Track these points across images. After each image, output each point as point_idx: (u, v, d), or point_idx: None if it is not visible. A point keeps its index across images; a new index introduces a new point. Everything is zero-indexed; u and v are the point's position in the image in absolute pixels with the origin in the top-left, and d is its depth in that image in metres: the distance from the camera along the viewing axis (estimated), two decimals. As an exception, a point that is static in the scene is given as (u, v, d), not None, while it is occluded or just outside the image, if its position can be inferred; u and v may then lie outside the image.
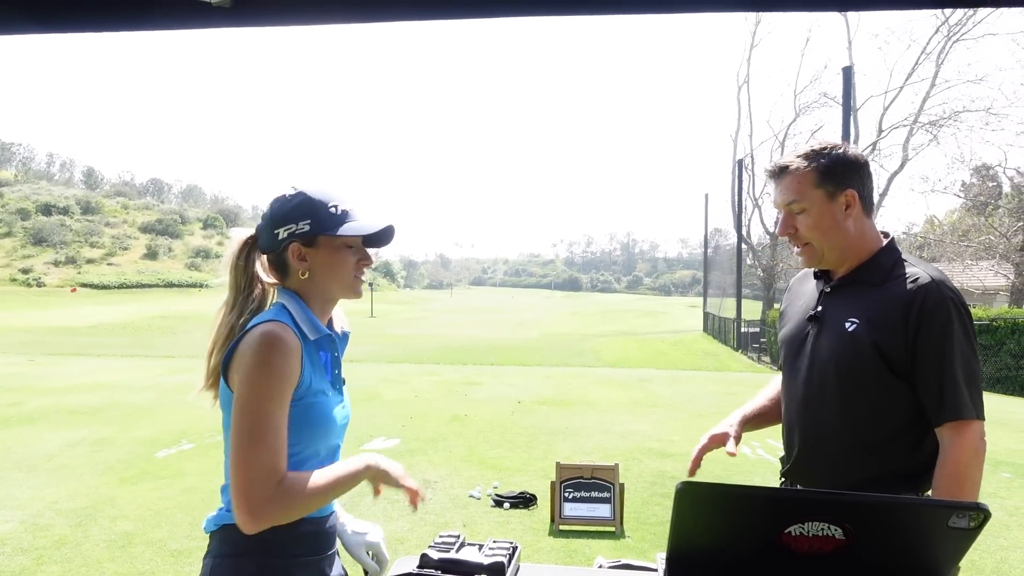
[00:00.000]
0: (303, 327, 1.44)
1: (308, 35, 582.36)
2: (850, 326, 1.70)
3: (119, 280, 72.06)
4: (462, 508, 5.17)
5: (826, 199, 1.72)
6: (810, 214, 1.73)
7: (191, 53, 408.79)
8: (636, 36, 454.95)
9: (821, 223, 1.73)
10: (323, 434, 1.45)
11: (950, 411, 1.60)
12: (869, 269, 1.75)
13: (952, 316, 1.62)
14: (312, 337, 1.44)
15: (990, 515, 1.20)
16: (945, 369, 1.61)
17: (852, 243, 1.75)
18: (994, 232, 24.74)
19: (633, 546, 4.46)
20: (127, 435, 7.70)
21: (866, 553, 1.26)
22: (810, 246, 1.77)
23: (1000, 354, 16.74)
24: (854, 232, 1.75)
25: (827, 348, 1.75)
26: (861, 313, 1.70)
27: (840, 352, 1.71)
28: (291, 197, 1.49)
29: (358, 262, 1.52)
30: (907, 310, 1.63)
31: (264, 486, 1.30)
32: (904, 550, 1.28)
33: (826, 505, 1.25)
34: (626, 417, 9.07)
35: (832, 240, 1.75)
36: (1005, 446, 7.69)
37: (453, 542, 1.71)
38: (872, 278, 1.73)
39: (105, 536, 4.52)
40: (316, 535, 1.48)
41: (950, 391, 1.60)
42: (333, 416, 1.48)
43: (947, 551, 1.27)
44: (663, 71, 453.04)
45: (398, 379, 12.99)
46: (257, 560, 1.39)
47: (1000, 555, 4.38)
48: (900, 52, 61.57)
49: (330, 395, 1.48)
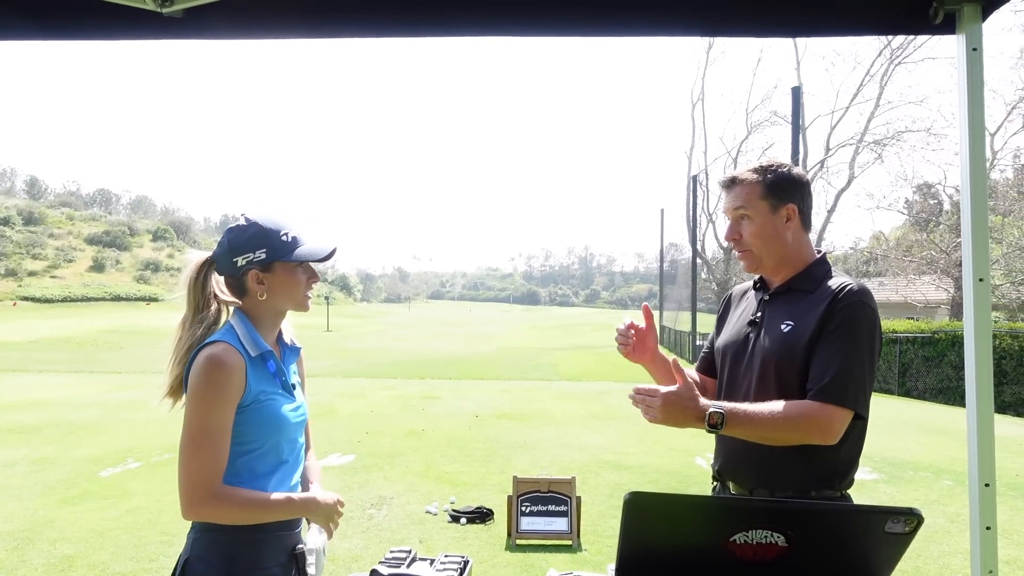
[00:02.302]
0: (246, 345, 1.63)
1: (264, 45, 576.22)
2: (786, 327, 1.83)
3: (63, 293, 69.60)
4: (418, 524, 5.12)
5: (769, 210, 1.88)
6: (754, 222, 1.89)
7: (142, 62, 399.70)
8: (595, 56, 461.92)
9: (763, 231, 1.89)
10: (276, 429, 1.64)
11: (827, 393, 1.70)
12: (803, 278, 1.90)
13: (859, 317, 1.75)
14: (254, 354, 1.63)
15: (923, 520, 1.26)
16: (834, 356, 1.72)
17: (789, 253, 1.91)
18: (935, 248, 25.72)
19: (590, 559, 4.48)
20: (69, 454, 7.42)
21: (807, 559, 1.30)
22: (751, 252, 1.92)
23: (941, 365, 17.34)
24: (791, 243, 1.90)
25: (766, 349, 1.86)
26: (795, 316, 1.84)
27: (779, 352, 1.82)
28: (245, 227, 1.67)
29: (308, 280, 1.73)
30: (825, 307, 1.78)
31: (199, 488, 1.53)
32: (843, 555, 1.32)
33: (769, 513, 1.29)
34: (583, 430, 9.11)
35: (771, 248, 1.90)
36: (947, 455, 7.96)
37: (404, 557, 1.71)
38: (806, 286, 1.88)
39: (44, 560, 4.34)
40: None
41: (832, 375, 1.70)
42: (283, 414, 1.66)
43: (884, 555, 1.32)
44: (620, 89, 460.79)
45: (354, 394, 12.83)
46: (230, 534, 1.60)
47: (942, 560, 4.53)
48: (846, 74, 64.15)
49: (279, 396, 1.67)
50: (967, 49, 1.78)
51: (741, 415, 1.70)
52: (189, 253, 1.75)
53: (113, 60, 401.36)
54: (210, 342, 1.60)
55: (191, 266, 1.71)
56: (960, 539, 4.92)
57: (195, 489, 1.53)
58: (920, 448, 8.34)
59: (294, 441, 1.73)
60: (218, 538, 1.60)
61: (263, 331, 1.69)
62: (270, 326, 1.72)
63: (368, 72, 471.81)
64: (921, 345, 17.89)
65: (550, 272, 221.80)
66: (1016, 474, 6.97)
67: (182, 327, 1.68)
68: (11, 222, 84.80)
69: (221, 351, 1.57)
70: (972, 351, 1.77)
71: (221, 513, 1.57)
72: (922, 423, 10.81)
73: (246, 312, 1.69)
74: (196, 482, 1.53)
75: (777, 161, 1.93)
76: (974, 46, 1.78)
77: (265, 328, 1.70)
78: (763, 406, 1.73)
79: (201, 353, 1.58)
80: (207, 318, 1.68)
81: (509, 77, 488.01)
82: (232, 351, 1.59)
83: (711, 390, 2.10)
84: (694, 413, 1.70)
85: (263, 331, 1.69)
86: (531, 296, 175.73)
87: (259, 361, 1.65)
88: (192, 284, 1.69)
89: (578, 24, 1.94)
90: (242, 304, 1.70)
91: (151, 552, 4.47)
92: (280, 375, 1.71)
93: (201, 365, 1.55)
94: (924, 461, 7.53)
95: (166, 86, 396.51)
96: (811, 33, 2.11)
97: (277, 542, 1.66)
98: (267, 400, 1.63)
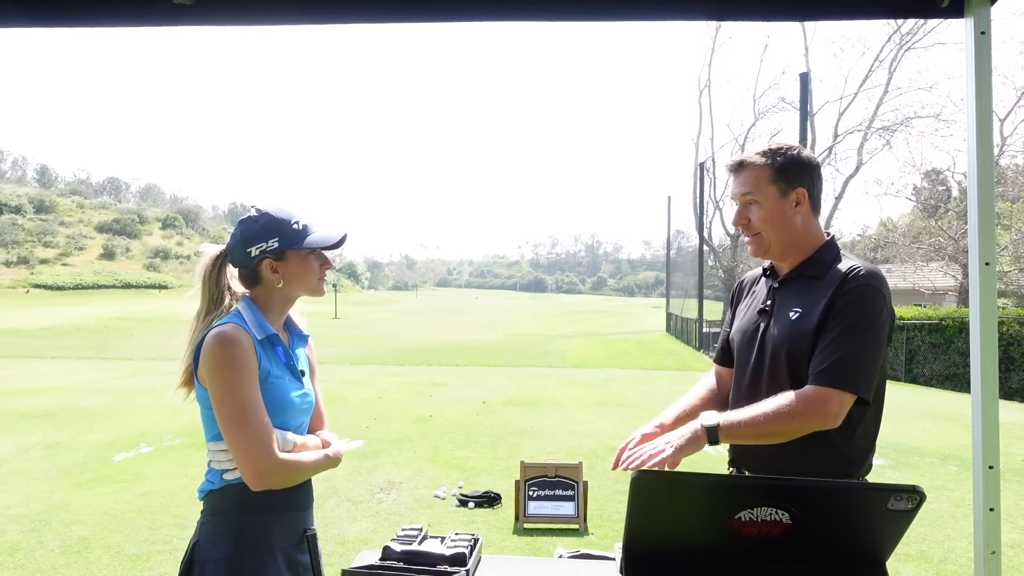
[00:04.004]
0: (253, 329, 1.66)
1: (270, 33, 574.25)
2: (794, 315, 1.82)
3: (74, 281, 70.07)
4: (427, 508, 5.17)
5: (778, 195, 1.85)
6: (763, 207, 1.86)
7: (151, 51, 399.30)
8: (601, 42, 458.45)
9: (772, 216, 1.86)
10: (282, 412, 1.66)
11: (823, 376, 1.69)
12: (812, 264, 1.87)
13: (864, 300, 1.73)
14: (259, 337, 1.66)
15: (925, 497, 1.28)
16: (835, 339, 1.71)
17: (798, 238, 1.88)
18: (943, 235, 25.56)
19: (596, 542, 4.52)
20: (82, 439, 7.51)
21: (812, 536, 1.33)
22: (759, 236, 1.90)
23: (949, 352, 17.29)
24: (800, 228, 1.88)
25: (776, 337, 1.85)
26: (804, 303, 1.82)
27: (788, 340, 1.81)
28: (257, 218, 1.70)
29: (321, 267, 1.77)
30: (832, 292, 1.76)
31: (263, 459, 1.56)
32: (847, 532, 1.34)
33: (773, 490, 1.31)
34: (590, 417, 9.15)
35: (780, 233, 1.87)
36: (952, 441, 7.96)
37: (415, 535, 1.74)
38: (815, 271, 1.85)
39: (60, 542, 4.42)
40: (292, 492, 1.69)
41: (831, 359, 1.69)
42: (291, 398, 1.69)
43: (887, 532, 1.34)
44: (627, 76, 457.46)
45: (362, 380, 12.90)
46: (238, 517, 1.62)
47: (947, 545, 4.55)
48: (855, 59, 63.16)
49: (287, 380, 1.70)
50: (975, 33, 1.77)
51: (733, 422, 1.70)
52: (203, 247, 1.79)
53: (122, 49, 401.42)
54: (218, 325, 1.64)
55: (205, 259, 1.75)
56: (965, 523, 4.94)
57: (259, 461, 1.56)
58: (926, 434, 8.34)
59: (301, 426, 1.77)
60: (226, 521, 1.63)
61: (270, 317, 1.73)
62: (278, 312, 1.76)
63: (376, 60, 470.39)
64: (928, 332, 17.83)
65: (557, 259, 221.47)
66: (1022, 459, 6.97)
67: (197, 319, 1.72)
68: (22, 210, 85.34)
69: (231, 329, 1.60)
70: (977, 334, 1.78)
71: (288, 477, 1.63)
72: (928, 409, 10.80)
73: (254, 299, 1.73)
74: (257, 454, 1.56)
75: (786, 144, 1.90)
76: (982, 30, 1.77)
77: (272, 314, 1.74)
78: (754, 406, 1.73)
79: (210, 334, 1.60)
80: (222, 310, 1.73)
81: (516, 64, 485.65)
82: (240, 330, 1.62)
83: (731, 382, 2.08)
84: (692, 439, 1.68)
85: (270, 317, 1.73)
86: (538, 283, 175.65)
87: (267, 344, 1.69)
88: (207, 277, 1.74)
89: (584, 8, 1.94)
90: (255, 293, 1.74)
91: (164, 535, 4.54)
92: (289, 359, 1.75)
93: (215, 345, 1.57)
94: (930, 447, 7.53)
95: (175, 75, 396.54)
96: (819, 16, 2.09)
97: (286, 523, 1.68)
98: (276, 382, 1.66)
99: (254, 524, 1.63)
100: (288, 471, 1.61)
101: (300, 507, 1.73)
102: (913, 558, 4.30)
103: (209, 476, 1.66)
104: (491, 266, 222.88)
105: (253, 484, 1.58)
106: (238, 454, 1.56)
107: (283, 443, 1.62)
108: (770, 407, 1.70)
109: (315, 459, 1.69)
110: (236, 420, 1.56)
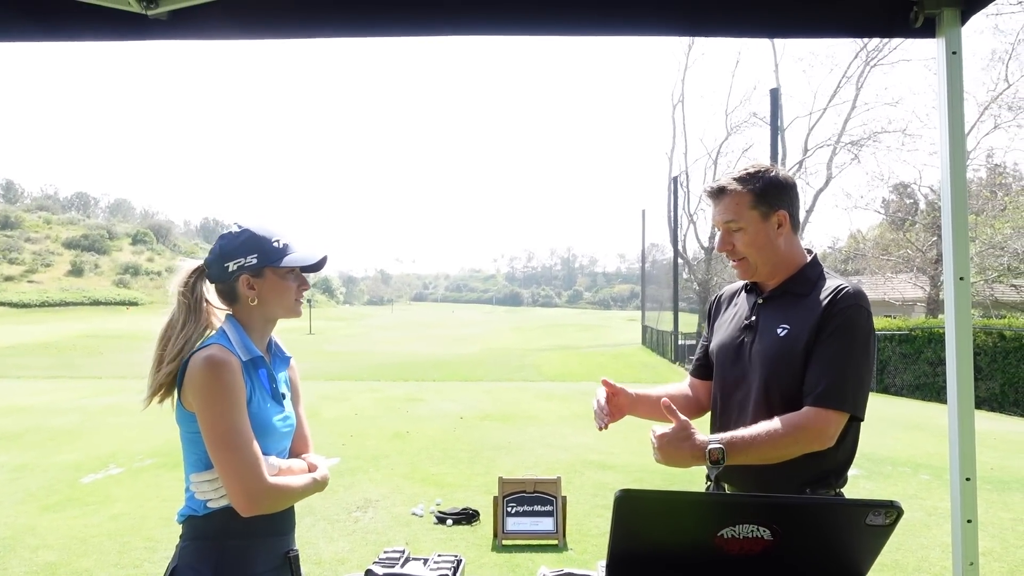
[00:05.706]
0: (238, 350, 1.65)
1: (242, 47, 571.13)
2: (781, 331, 1.84)
3: (40, 298, 68.56)
4: (404, 526, 5.11)
5: (760, 219, 1.88)
6: (747, 232, 1.89)
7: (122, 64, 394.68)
8: (577, 58, 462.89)
9: (756, 240, 1.89)
10: (264, 436, 1.64)
11: (823, 398, 1.72)
12: (797, 281, 1.91)
13: (855, 320, 1.77)
14: (245, 358, 1.65)
15: (903, 512, 1.29)
16: (830, 360, 1.74)
17: (782, 259, 1.91)
18: (912, 247, 26.10)
19: (576, 558, 4.50)
20: (49, 460, 7.32)
21: (792, 552, 1.33)
22: (745, 260, 1.92)
23: (919, 362, 17.58)
24: (784, 248, 1.91)
25: (762, 353, 1.86)
26: (791, 320, 1.84)
27: (775, 356, 1.83)
28: (238, 234, 1.71)
29: (298, 287, 1.77)
30: (822, 310, 1.79)
31: (254, 483, 1.55)
32: (827, 547, 1.35)
33: (755, 507, 1.32)
34: (568, 430, 9.14)
35: (765, 256, 1.90)
36: (924, 450, 8.08)
37: (398, 557, 1.72)
38: (801, 288, 1.89)
39: (25, 567, 4.29)
40: (277, 516, 1.67)
41: (828, 380, 1.73)
42: (273, 422, 1.69)
43: (866, 547, 1.35)
44: (602, 92, 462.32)
45: (338, 396, 12.76)
46: (219, 541, 1.61)
47: (920, 553, 4.60)
48: (823, 75, 64.85)
49: (269, 405, 1.70)
50: (947, 53, 1.82)
51: (740, 443, 1.70)
52: (180, 261, 1.78)
53: (91, 62, 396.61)
54: (204, 346, 1.63)
55: (181, 273, 1.74)
56: (939, 532, 5.00)
57: (250, 484, 1.55)
58: (898, 444, 8.46)
59: (283, 452, 1.75)
60: (207, 546, 1.61)
61: (254, 338, 1.72)
62: (260, 333, 1.75)
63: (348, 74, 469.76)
64: (899, 342, 18.12)
65: (532, 273, 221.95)
66: (991, 468, 7.09)
67: (172, 328, 1.70)
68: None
69: (219, 352, 1.59)
70: (953, 349, 1.82)
71: (278, 502, 1.62)
72: (900, 419, 10.96)
73: (238, 319, 1.72)
74: (249, 478, 1.55)
75: (762, 165, 1.91)
76: (953, 50, 1.82)
77: (256, 335, 1.73)
78: (760, 427, 1.73)
79: (198, 357, 1.59)
80: (200, 322, 1.72)
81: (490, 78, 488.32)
82: (227, 352, 1.62)
83: (708, 396, 2.09)
84: (691, 452, 1.68)
85: (254, 338, 1.72)
86: (514, 297, 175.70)
87: (251, 366, 1.68)
88: (182, 291, 1.73)
89: (559, 23, 1.96)
90: (233, 311, 1.73)
91: (135, 558, 4.43)
92: (271, 382, 1.74)
93: (204, 369, 1.57)
94: (902, 456, 7.64)
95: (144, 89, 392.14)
96: (793, 34, 2.14)
97: (268, 548, 1.66)
98: (259, 407, 1.65)
99: (236, 549, 1.61)
100: (278, 496, 1.61)
101: (283, 531, 1.72)
102: (887, 567, 4.35)
103: (191, 504, 1.64)
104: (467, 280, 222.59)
105: (243, 509, 1.56)
106: (228, 479, 1.55)
107: (268, 468, 1.59)
108: (778, 431, 1.70)
109: (304, 483, 1.68)
110: (227, 444, 1.55)
